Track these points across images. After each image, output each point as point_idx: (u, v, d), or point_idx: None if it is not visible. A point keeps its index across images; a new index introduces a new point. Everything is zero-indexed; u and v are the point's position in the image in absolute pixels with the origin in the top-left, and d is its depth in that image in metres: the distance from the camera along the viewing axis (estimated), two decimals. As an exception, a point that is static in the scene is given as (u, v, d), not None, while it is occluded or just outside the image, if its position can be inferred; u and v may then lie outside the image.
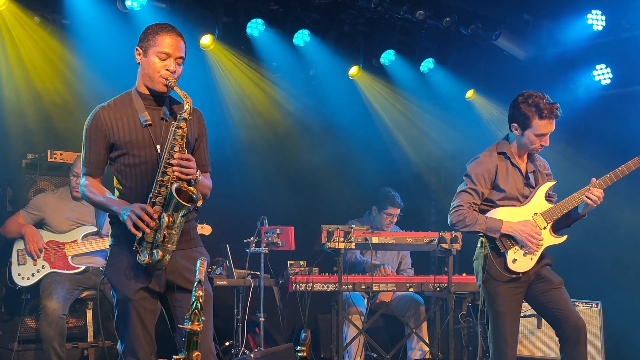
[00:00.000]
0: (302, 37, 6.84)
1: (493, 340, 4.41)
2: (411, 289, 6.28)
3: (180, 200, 3.32)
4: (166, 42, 3.46)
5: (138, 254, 3.39)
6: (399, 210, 6.85)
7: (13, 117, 6.05)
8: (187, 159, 3.41)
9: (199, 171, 3.52)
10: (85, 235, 5.70)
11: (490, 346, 4.45)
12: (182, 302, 3.53)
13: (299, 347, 3.02)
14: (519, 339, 6.21)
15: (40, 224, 5.67)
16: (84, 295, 5.72)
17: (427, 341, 6.44)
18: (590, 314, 6.22)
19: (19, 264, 5.54)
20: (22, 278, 5.52)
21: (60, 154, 6.01)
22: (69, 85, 6.33)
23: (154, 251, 3.36)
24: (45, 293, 5.42)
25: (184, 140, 3.46)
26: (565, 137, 7.34)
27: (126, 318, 3.47)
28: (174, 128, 3.44)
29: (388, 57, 7.35)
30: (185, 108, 3.45)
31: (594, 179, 4.41)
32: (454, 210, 4.44)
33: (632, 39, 7.14)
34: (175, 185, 3.35)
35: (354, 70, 7.38)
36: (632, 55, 7.14)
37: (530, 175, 4.52)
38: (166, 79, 3.46)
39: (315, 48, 6.96)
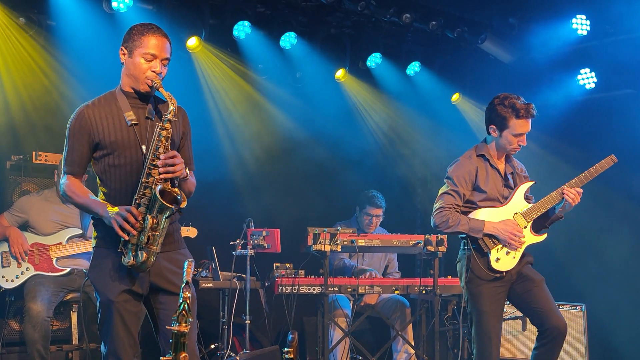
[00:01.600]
0: (288, 39, 6.84)
1: (477, 339, 4.47)
2: (397, 292, 6.30)
3: (164, 202, 3.31)
4: (152, 43, 3.44)
5: (123, 256, 3.37)
6: (380, 210, 6.84)
7: (-3, 119, 6.03)
8: (172, 157, 3.39)
9: (187, 168, 3.52)
10: (70, 238, 5.67)
11: (473, 346, 4.50)
12: (165, 305, 3.51)
13: (285, 349, 3.02)
14: (504, 341, 6.26)
15: (24, 226, 5.63)
16: (68, 297, 5.69)
17: (413, 343, 6.46)
18: (574, 316, 6.25)
19: (2, 266, 5.49)
20: (6, 280, 5.48)
21: (45, 156, 5.98)
22: (54, 86, 6.30)
23: (139, 253, 3.34)
24: (29, 295, 5.38)
25: (169, 141, 3.44)
26: (549, 141, 7.42)
27: (109, 320, 3.45)
28: (158, 129, 3.42)
29: (374, 60, 7.37)
30: (169, 109, 3.42)
31: (570, 181, 4.51)
32: (437, 212, 4.52)
33: (616, 43, 7.19)
34: (159, 187, 3.33)
35: (340, 73, 7.39)
36: (616, 60, 7.19)
37: (509, 177, 4.62)
38: (152, 81, 3.44)
39: (302, 51, 6.97)
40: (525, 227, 4.51)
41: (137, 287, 3.46)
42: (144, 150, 3.45)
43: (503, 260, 4.46)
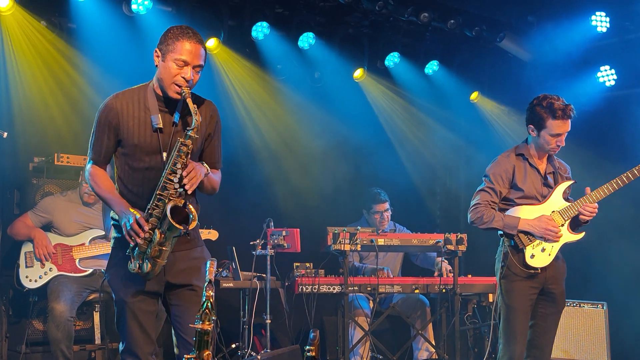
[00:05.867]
0: (307, 39, 6.86)
1: (503, 334, 4.53)
2: (417, 291, 6.30)
3: (173, 223, 3.28)
4: (185, 49, 3.37)
5: (129, 261, 3.39)
6: (386, 204, 6.83)
7: (20, 121, 6.07)
8: (190, 170, 3.37)
9: (206, 165, 3.51)
10: (93, 239, 5.73)
11: (500, 341, 4.56)
12: (180, 302, 3.54)
13: (307, 347, 3.03)
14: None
15: (48, 227, 5.69)
16: (91, 297, 5.75)
17: (433, 342, 6.45)
18: (595, 314, 6.23)
19: (26, 267, 5.56)
20: (30, 280, 5.54)
21: (67, 158, 6.03)
22: (75, 89, 6.35)
23: (144, 263, 3.36)
24: (52, 296, 5.44)
25: (188, 157, 3.39)
26: (568, 138, 7.36)
27: (124, 319, 3.50)
28: (179, 144, 3.37)
29: (393, 59, 7.37)
30: (193, 125, 3.37)
31: (587, 189, 4.54)
32: (472, 208, 4.62)
33: (636, 40, 7.15)
34: (169, 206, 3.30)
35: (358, 73, 7.40)
36: (636, 57, 7.15)
37: (549, 177, 4.66)
38: (180, 87, 3.39)
39: (320, 51, 6.98)
40: (563, 225, 4.55)
41: (153, 286, 3.48)
42: (164, 158, 3.44)
43: (538, 257, 4.51)
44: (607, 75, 7.45)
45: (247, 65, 7.00)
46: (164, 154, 3.44)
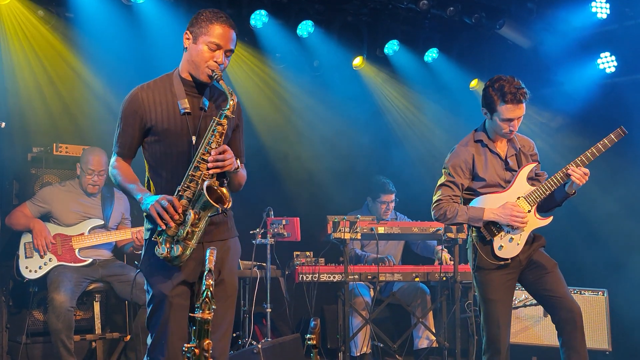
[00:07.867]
0: (305, 28, 6.83)
1: (486, 327, 4.36)
2: (417, 279, 6.30)
3: (210, 200, 3.19)
4: (218, 33, 3.34)
5: (157, 246, 3.26)
6: (393, 195, 6.84)
7: (18, 111, 6.06)
8: (222, 152, 3.29)
9: (238, 160, 3.43)
10: (92, 228, 5.72)
11: (483, 334, 4.40)
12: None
13: (308, 336, 3.03)
14: (525, 328, 6.24)
15: (46, 217, 5.68)
16: (91, 287, 5.73)
17: (434, 330, 6.46)
18: (596, 301, 6.23)
19: (26, 257, 5.55)
20: (30, 271, 5.53)
21: (66, 148, 6.02)
22: (73, 79, 6.33)
23: (174, 246, 3.25)
24: (52, 286, 5.44)
25: (222, 137, 3.33)
26: (569, 125, 7.36)
27: (160, 314, 3.36)
28: (214, 124, 3.31)
29: (392, 47, 7.35)
30: (229, 104, 3.32)
31: (576, 160, 4.34)
32: (434, 205, 4.44)
33: (636, 26, 7.13)
34: (206, 183, 3.22)
35: (358, 61, 7.39)
36: (636, 43, 7.12)
37: (510, 160, 4.44)
38: (212, 71, 3.34)
39: (319, 39, 6.97)
40: (529, 211, 4.33)
41: (189, 276, 3.38)
42: (194, 141, 3.37)
43: (506, 247, 4.32)
44: (607, 62, 7.42)
45: (246, 54, 6.98)
46: (193, 138, 3.37)
